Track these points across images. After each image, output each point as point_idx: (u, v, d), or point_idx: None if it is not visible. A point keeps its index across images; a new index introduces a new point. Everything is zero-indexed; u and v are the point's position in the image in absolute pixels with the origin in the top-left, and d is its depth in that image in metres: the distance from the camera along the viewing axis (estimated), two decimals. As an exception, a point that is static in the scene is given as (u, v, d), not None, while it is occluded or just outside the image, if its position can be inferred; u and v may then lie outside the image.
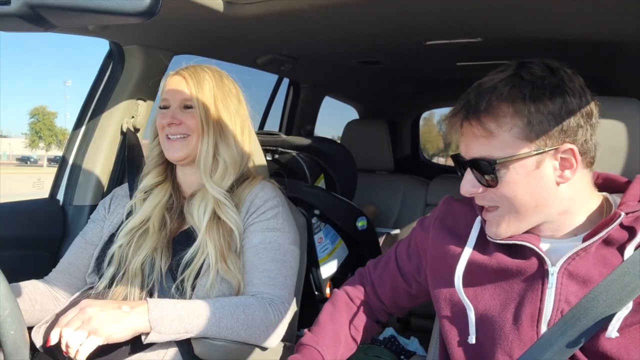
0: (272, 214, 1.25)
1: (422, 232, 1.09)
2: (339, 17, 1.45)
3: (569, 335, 0.78)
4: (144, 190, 1.31)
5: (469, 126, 0.86)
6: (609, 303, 0.78)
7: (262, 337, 1.14)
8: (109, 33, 1.53)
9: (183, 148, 1.25)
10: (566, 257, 0.86)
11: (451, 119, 0.90)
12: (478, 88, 0.87)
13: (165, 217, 1.26)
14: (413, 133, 3.48)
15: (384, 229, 2.29)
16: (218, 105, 1.26)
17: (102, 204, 1.42)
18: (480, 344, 0.91)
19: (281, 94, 2.72)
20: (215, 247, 1.17)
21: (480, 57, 1.92)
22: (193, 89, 1.24)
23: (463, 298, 0.93)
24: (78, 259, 1.33)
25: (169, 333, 1.05)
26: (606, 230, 0.84)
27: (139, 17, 0.54)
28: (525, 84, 0.83)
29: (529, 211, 0.87)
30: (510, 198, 0.87)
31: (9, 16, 0.55)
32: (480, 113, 0.84)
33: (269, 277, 1.18)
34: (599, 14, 1.37)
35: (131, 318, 1.03)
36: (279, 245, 1.22)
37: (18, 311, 0.75)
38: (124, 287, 1.18)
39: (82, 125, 1.71)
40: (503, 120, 0.83)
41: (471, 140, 0.87)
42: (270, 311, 1.14)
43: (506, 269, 0.90)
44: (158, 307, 1.05)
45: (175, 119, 1.24)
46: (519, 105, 0.83)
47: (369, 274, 1.18)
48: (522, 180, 0.85)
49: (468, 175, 0.90)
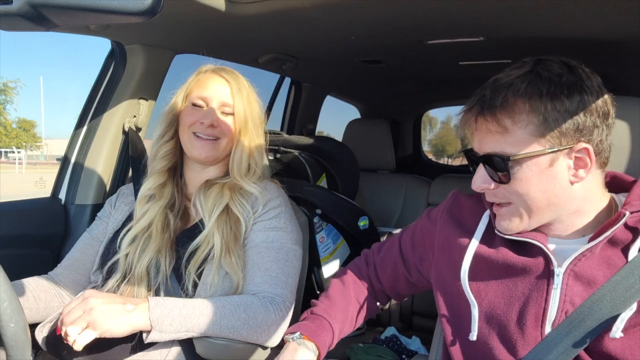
0: (274, 214, 1.25)
1: (428, 223, 1.09)
2: (341, 16, 1.45)
3: (573, 336, 0.78)
4: (147, 191, 1.31)
5: (484, 121, 0.85)
6: (613, 304, 0.77)
7: (263, 336, 1.14)
8: (110, 32, 1.53)
9: (213, 150, 1.27)
10: (572, 258, 0.86)
11: (465, 114, 0.89)
12: (494, 83, 0.86)
13: (168, 217, 1.26)
14: (415, 132, 3.48)
15: (386, 228, 2.29)
16: (252, 111, 1.30)
17: (108, 202, 1.43)
18: (482, 342, 0.90)
19: (283, 93, 2.72)
20: (222, 239, 1.18)
21: (483, 56, 1.92)
22: (236, 94, 1.27)
23: (468, 293, 0.93)
24: (84, 255, 1.33)
25: (170, 332, 1.05)
26: (611, 230, 0.84)
27: (140, 16, 0.54)
28: (543, 81, 0.82)
29: (542, 209, 0.87)
30: (522, 195, 0.86)
31: (10, 15, 0.54)
32: (495, 109, 0.83)
33: (271, 276, 1.19)
34: (602, 13, 1.36)
35: (131, 315, 1.03)
36: (281, 244, 1.23)
37: (17, 304, 0.75)
38: (131, 289, 1.18)
39: (84, 124, 1.71)
40: (519, 117, 0.83)
41: (485, 136, 0.86)
42: (272, 310, 1.14)
43: (512, 265, 0.90)
44: (159, 306, 1.05)
45: (217, 121, 1.26)
46: (536, 102, 0.82)
47: (373, 256, 1.19)
48: (534, 177, 0.84)
49: (480, 171, 0.89)
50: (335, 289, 1.14)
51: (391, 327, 2.07)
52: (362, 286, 1.16)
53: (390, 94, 3.03)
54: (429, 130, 11.00)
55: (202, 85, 1.28)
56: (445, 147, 13.34)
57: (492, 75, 0.89)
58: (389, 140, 2.54)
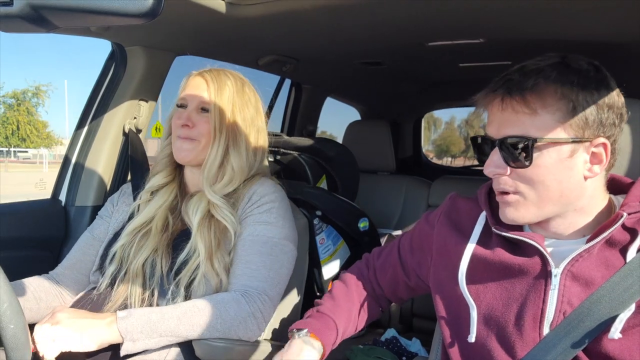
0: (266, 208, 1.24)
1: (427, 226, 1.09)
2: (341, 18, 1.45)
3: (571, 337, 0.78)
4: (150, 190, 1.32)
5: (511, 102, 0.84)
6: (611, 305, 0.78)
7: (240, 330, 1.11)
8: (111, 34, 1.54)
9: (189, 151, 1.25)
10: (569, 259, 0.86)
11: (489, 94, 0.88)
12: (522, 69, 0.86)
13: (168, 218, 1.26)
14: (415, 134, 3.48)
15: (386, 229, 2.29)
16: (235, 113, 1.26)
17: (110, 201, 1.42)
18: (481, 343, 0.90)
19: (283, 95, 2.73)
20: (205, 245, 1.17)
21: (483, 58, 1.92)
22: (213, 93, 1.24)
23: (466, 295, 0.93)
24: (85, 255, 1.33)
25: (141, 340, 1.04)
26: (609, 232, 0.84)
27: (141, 18, 0.54)
28: (573, 71, 0.83)
29: (552, 200, 0.86)
30: (537, 183, 0.85)
31: (11, 17, 0.55)
32: (526, 91, 0.83)
33: (250, 268, 1.17)
34: (602, 15, 1.37)
35: (98, 329, 1.02)
36: (267, 238, 1.21)
37: (17, 305, 0.75)
38: (126, 286, 1.18)
39: (85, 125, 1.71)
40: (549, 102, 0.83)
41: (509, 117, 0.85)
42: (244, 302, 1.12)
43: (509, 266, 0.90)
44: (127, 316, 1.05)
45: (190, 121, 1.24)
46: (567, 90, 0.82)
47: (373, 260, 1.20)
48: (553, 165, 0.84)
49: (495, 155, 0.87)
50: (338, 290, 1.14)
51: (391, 329, 2.07)
52: (363, 289, 1.17)
53: (390, 95, 3.03)
54: (434, 130, 11.25)
55: (186, 87, 1.29)
56: (449, 148, 13.69)
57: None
58: (389, 141, 2.54)
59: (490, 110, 0.89)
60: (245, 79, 1.33)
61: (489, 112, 0.89)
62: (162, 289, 1.17)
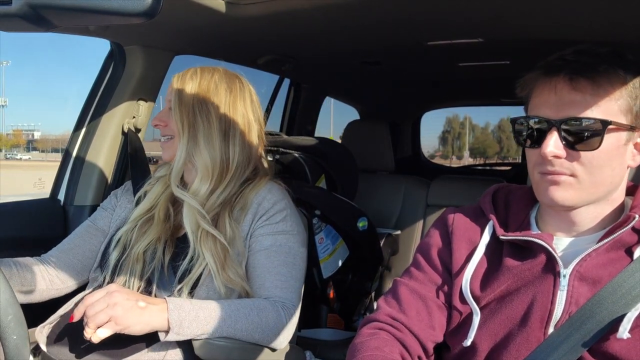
0: (281, 217, 1.23)
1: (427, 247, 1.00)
2: (340, 18, 1.45)
3: (575, 338, 0.78)
4: (156, 178, 1.32)
5: (581, 83, 0.82)
6: (616, 305, 0.77)
7: (273, 339, 1.14)
8: (110, 33, 1.53)
9: (167, 149, 1.27)
10: (579, 259, 0.85)
11: (550, 74, 0.85)
12: (582, 52, 0.85)
13: (169, 209, 1.26)
14: (414, 133, 3.48)
15: (385, 229, 2.29)
16: (202, 106, 1.21)
17: (113, 194, 1.42)
18: (481, 345, 0.90)
19: (282, 94, 2.73)
20: (213, 257, 1.15)
21: (482, 57, 1.92)
22: (175, 89, 1.23)
23: (470, 301, 0.91)
24: (84, 242, 1.33)
25: (186, 335, 1.05)
26: (619, 232, 0.84)
27: (140, 18, 0.54)
28: (630, 62, 0.85)
29: (604, 185, 0.85)
30: (595, 167, 0.83)
31: (9, 16, 0.54)
32: (597, 74, 0.82)
33: (281, 280, 1.19)
34: (601, 14, 1.37)
35: (151, 315, 1.03)
36: (289, 248, 1.22)
37: (21, 316, 0.75)
38: (125, 273, 1.18)
39: (83, 125, 1.71)
40: (618, 87, 0.83)
41: (575, 99, 0.83)
42: (283, 315, 1.15)
43: (517, 273, 0.89)
44: (177, 308, 1.05)
45: (160, 120, 1.26)
46: (631, 77, 0.83)
47: (384, 312, 0.98)
48: (612, 151, 0.84)
49: (553, 137, 0.83)
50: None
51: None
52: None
53: (389, 95, 3.03)
54: (473, 135, 13.03)
55: None
56: (486, 150, 15.56)
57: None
58: (388, 141, 2.54)
59: (548, 91, 0.85)
60: (236, 72, 1.30)
61: (546, 93, 0.86)
62: (162, 281, 1.17)
